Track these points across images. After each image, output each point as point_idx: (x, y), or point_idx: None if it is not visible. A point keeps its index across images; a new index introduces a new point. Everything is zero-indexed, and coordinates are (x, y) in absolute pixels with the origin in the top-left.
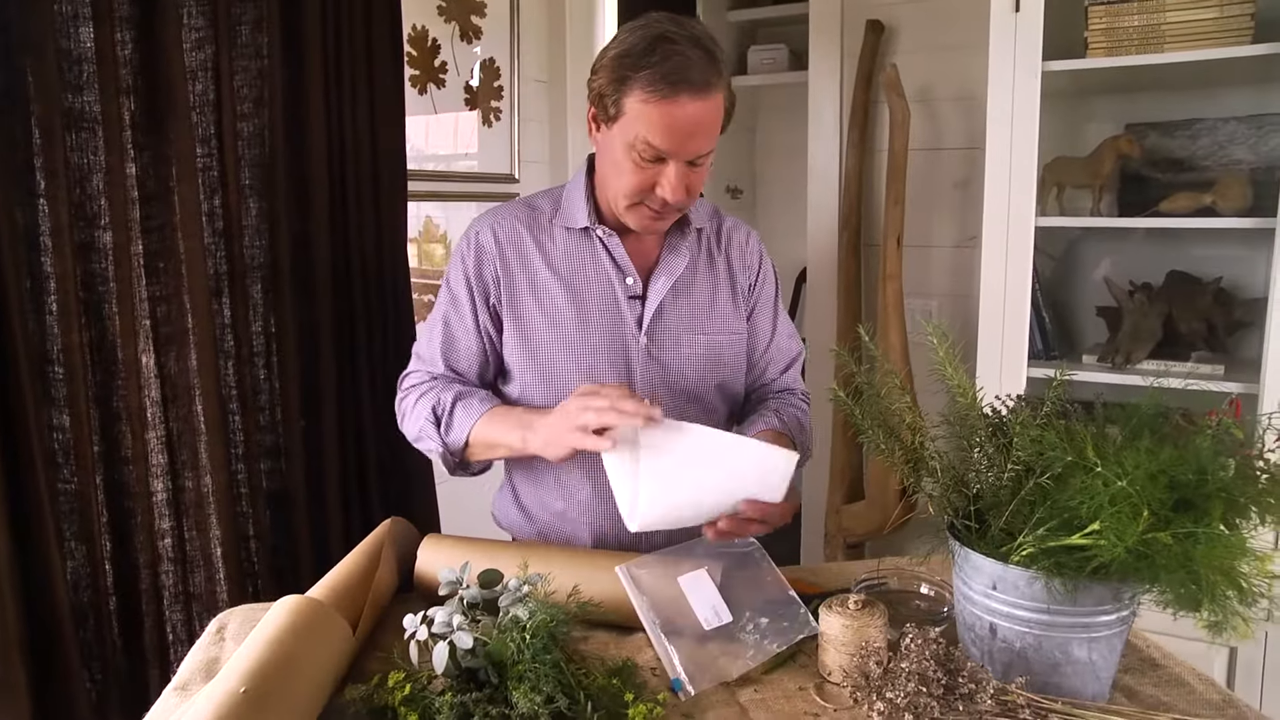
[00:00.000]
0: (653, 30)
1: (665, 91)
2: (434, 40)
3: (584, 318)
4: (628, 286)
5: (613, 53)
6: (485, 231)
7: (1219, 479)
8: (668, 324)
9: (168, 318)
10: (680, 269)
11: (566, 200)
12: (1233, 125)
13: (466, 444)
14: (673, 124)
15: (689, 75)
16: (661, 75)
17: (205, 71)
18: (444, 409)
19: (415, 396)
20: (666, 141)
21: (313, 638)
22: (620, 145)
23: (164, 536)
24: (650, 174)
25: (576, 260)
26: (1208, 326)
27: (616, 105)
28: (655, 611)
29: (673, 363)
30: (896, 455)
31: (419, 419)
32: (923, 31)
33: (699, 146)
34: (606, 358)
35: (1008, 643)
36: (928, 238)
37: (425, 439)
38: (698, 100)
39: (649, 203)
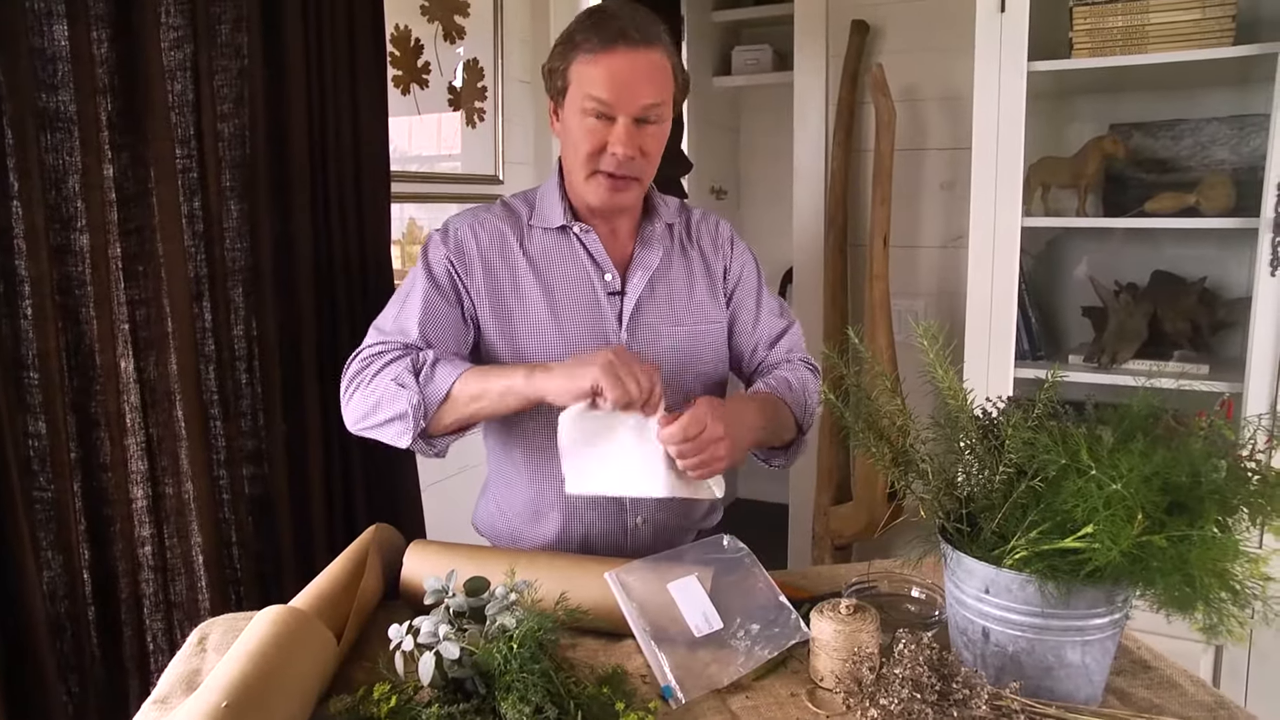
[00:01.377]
0: (594, 8)
1: (603, 46)
2: (417, 40)
3: (566, 315)
4: (606, 283)
5: (558, 39)
6: (464, 230)
7: (1212, 481)
8: (647, 317)
9: (147, 322)
10: (655, 262)
11: (541, 201)
12: (1215, 126)
13: (447, 396)
14: (613, 74)
15: (625, 30)
16: (597, 34)
17: (184, 71)
18: (424, 363)
19: (381, 363)
20: (609, 92)
21: (296, 649)
22: (572, 114)
23: (144, 544)
24: (601, 134)
25: (556, 259)
26: (1192, 326)
27: (564, 77)
28: (645, 618)
29: (653, 355)
30: (886, 458)
31: (384, 380)
32: (908, 32)
33: (642, 95)
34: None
35: (1001, 646)
36: (914, 238)
37: (387, 403)
38: (635, 50)
39: (603, 166)
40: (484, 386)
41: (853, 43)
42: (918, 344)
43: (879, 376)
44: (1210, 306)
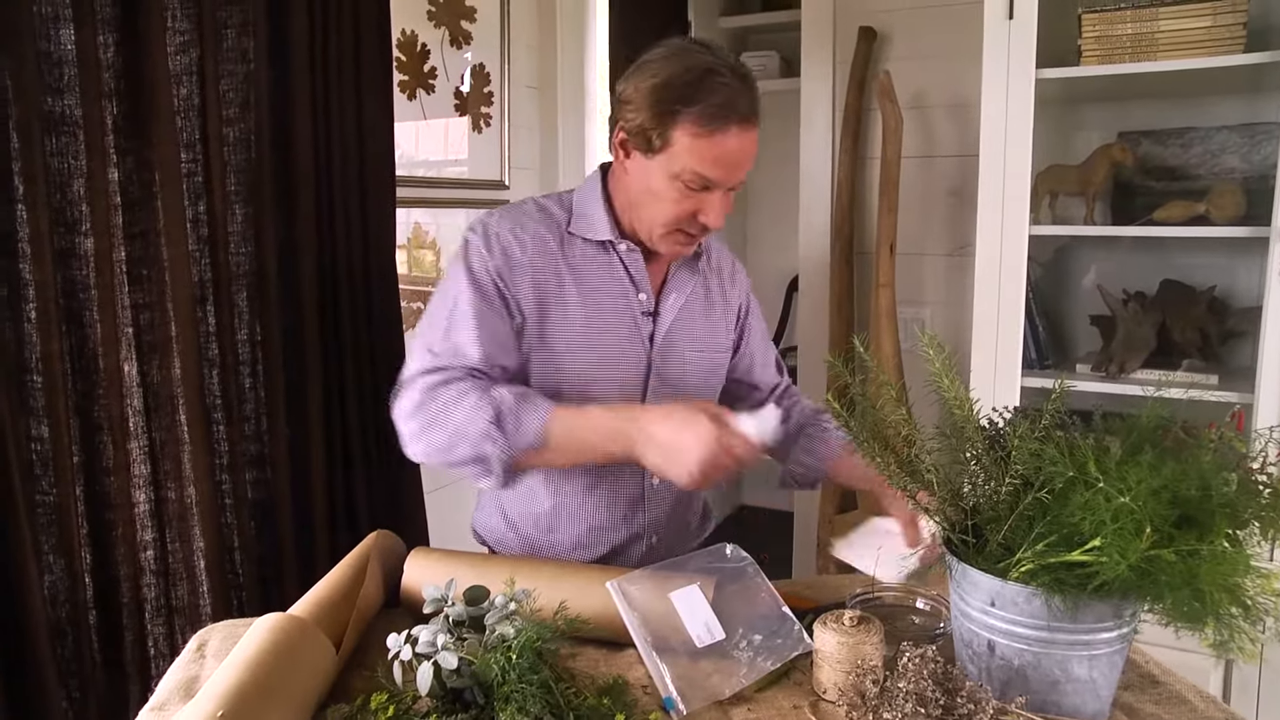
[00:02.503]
0: (696, 61)
1: (716, 125)
2: (423, 45)
3: (601, 331)
4: (640, 302)
5: (650, 84)
6: (506, 234)
7: (1223, 494)
8: (673, 340)
9: (151, 325)
10: (690, 288)
11: (581, 209)
12: (1225, 134)
13: (534, 444)
14: (722, 155)
15: (738, 107)
16: (713, 109)
17: (190, 75)
18: (504, 405)
19: (450, 395)
20: (716, 172)
21: (294, 657)
22: (662, 176)
23: (146, 548)
24: (693, 203)
25: (595, 272)
26: (1201, 336)
27: (663, 138)
28: (646, 628)
29: (676, 378)
30: (891, 468)
31: (458, 417)
32: (915, 38)
33: (742, 175)
34: (621, 372)
35: (1006, 660)
36: (920, 246)
37: (467, 444)
38: (746, 131)
39: (688, 228)
40: (573, 439)
41: (860, 49)
42: (923, 353)
43: (884, 385)
44: (1219, 316)
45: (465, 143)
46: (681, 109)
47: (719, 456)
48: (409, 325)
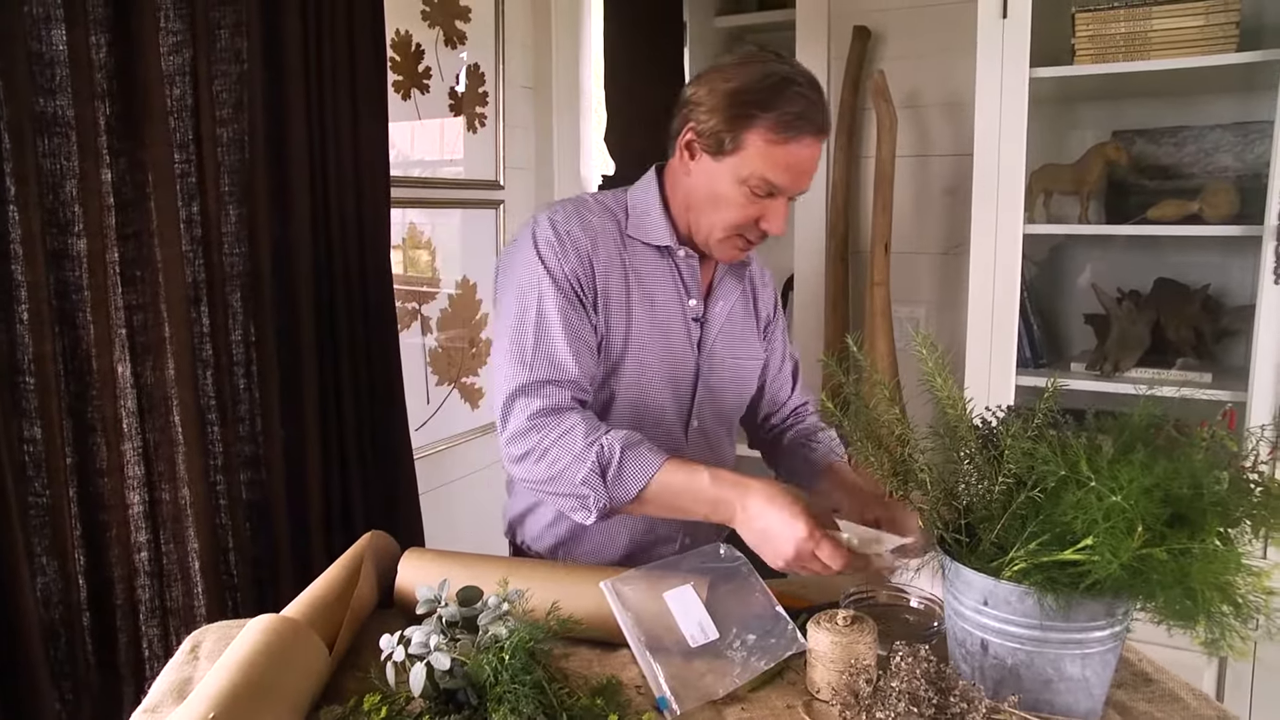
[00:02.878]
0: (775, 70)
1: (792, 133)
2: (418, 45)
3: (654, 335)
4: (690, 308)
5: (727, 87)
6: (577, 231)
7: (1214, 493)
8: (716, 347)
9: (144, 327)
10: (734, 296)
11: (638, 211)
12: (1218, 133)
13: (633, 498)
14: (793, 163)
15: (813, 118)
16: (790, 117)
17: (183, 76)
18: (611, 457)
19: (559, 431)
20: (784, 179)
21: (287, 658)
22: (729, 179)
23: (140, 550)
24: (757, 209)
25: (652, 276)
26: (1195, 334)
27: (735, 141)
28: (640, 628)
29: (717, 385)
30: (885, 467)
31: (565, 458)
32: (910, 37)
33: (807, 184)
34: (670, 376)
35: (999, 659)
36: (915, 244)
37: (569, 483)
38: (816, 143)
39: (748, 234)
40: (672, 500)
41: (854, 48)
42: (917, 352)
43: (878, 385)
44: (1213, 314)
45: (460, 143)
46: (758, 114)
47: (807, 557)
48: (404, 326)
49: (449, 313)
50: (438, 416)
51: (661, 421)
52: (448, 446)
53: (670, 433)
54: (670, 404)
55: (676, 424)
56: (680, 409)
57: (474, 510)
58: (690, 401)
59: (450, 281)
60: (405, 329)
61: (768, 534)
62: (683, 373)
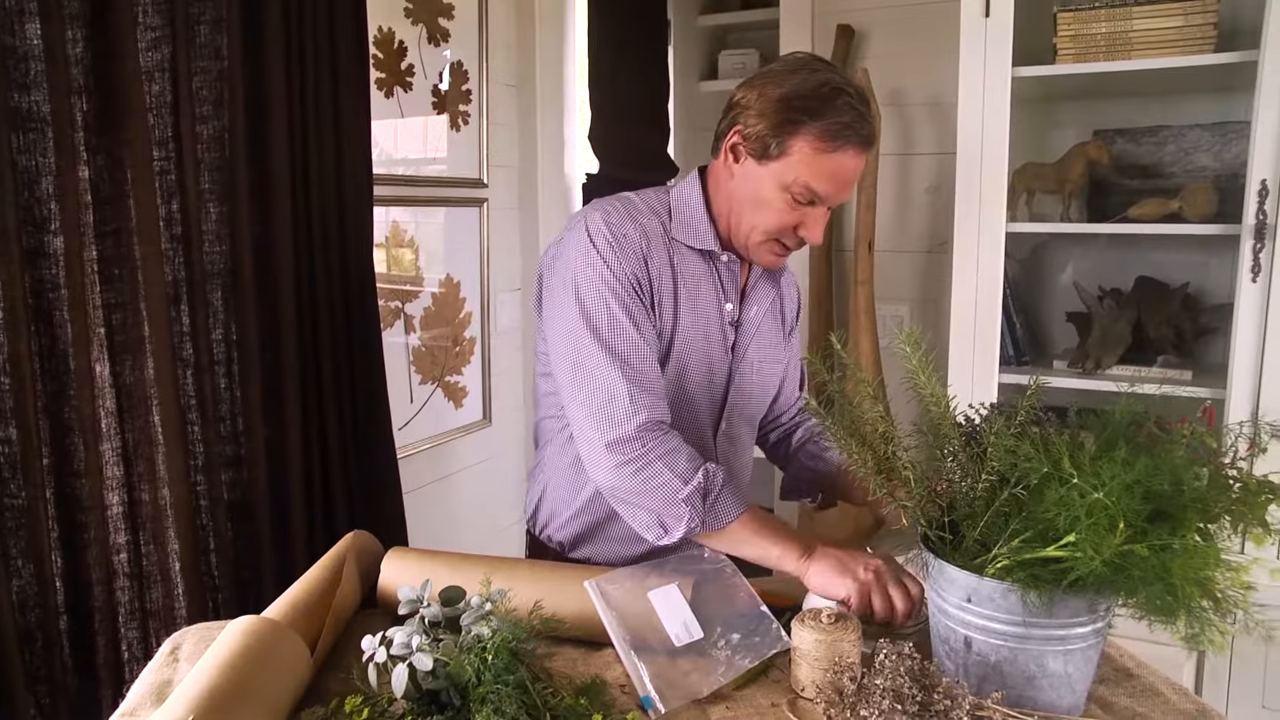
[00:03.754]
0: (826, 79)
1: (839, 143)
2: (401, 42)
3: (699, 337)
4: (728, 312)
5: (778, 93)
6: (632, 233)
7: (1194, 489)
8: (749, 352)
9: (123, 325)
10: (768, 301)
11: (682, 213)
12: (1197, 132)
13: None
14: (837, 173)
15: (860, 129)
16: (838, 127)
17: (162, 72)
18: (715, 484)
19: (663, 449)
20: (827, 188)
21: (268, 660)
22: (773, 184)
23: (119, 551)
24: (797, 215)
25: (695, 279)
26: (1175, 332)
27: (781, 146)
28: (624, 627)
29: (746, 387)
30: (869, 465)
31: (669, 478)
32: (893, 36)
33: (848, 195)
34: (706, 379)
35: (983, 656)
36: (898, 243)
37: (663, 502)
38: (861, 155)
39: (785, 240)
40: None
41: (838, 47)
42: (901, 350)
43: (861, 383)
44: (1193, 312)
45: (443, 141)
46: (807, 121)
47: (883, 572)
48: (387, 325)
49: (432, 311)
50: (421, 415)
51: (694, 423)
52: (431, 445)
53: (700, 435)
54: (704, 406)
55: (707, 426)
56: (712, 411)
57: (459, 509)
58: (722, 404)
59: (434, 280)
60: (388, 328)
61: (856, 559)
62: (717, 376)
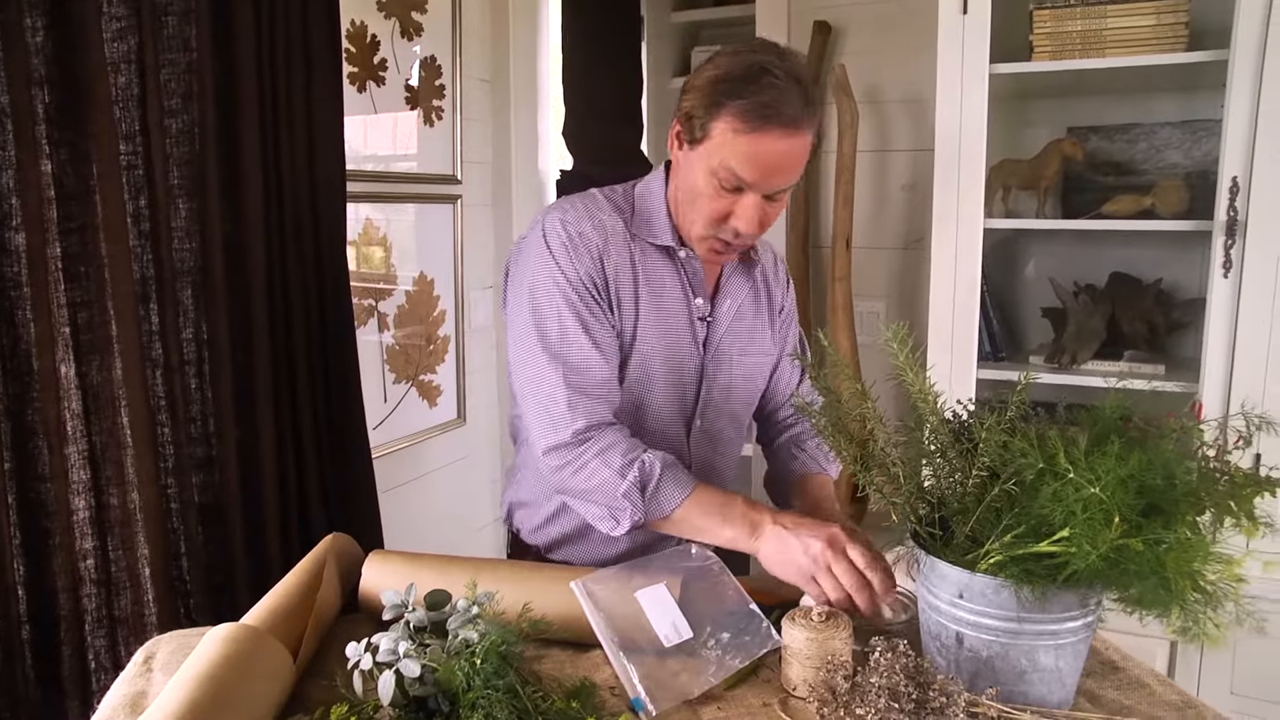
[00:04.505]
0: (755, 59)
1: (756, 123)
2: (373, 36)
3: (665, 335)
4: (698, 307)
5: (709, 75)
6: (588, 230)
7: (1186, 483)
8: (724, 344)
9: (89, 325)
10: (742, 294)
11: (644, 211)
12: (1168, 130)
13: (665, 517)
14: (757, 155)
15: (782, 110)
16: (756, 106)
17: (128, 64)
18: (652, 475)
19: (596, 448)
20: (749, 173)
21: (249, 669)
22: (702, 169)
23: (86, 557)
24: (727, 203)
25: (659, 276)
26: (1149, 327)
27: (704, 128)
28: (613, 628)
29: (724, 383)
30: (857, 461)
31: (606, 476)
32: (870, 33)
33: (780, 182)
34: (673, 376)
35: (974, 652)
36: (876, 239)
37: (606, 499)
38: (787, 137)
39: (721, 234)
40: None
41: (815, 44)
42: (885, 347)
43: (847, 380)
44: (1166, 307)
45: (416, 136)
46: (726, 101)
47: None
48: (360, 323)
49: (406, 309)
50: (395, 414)
51: (664, 422)
52: (406, 445)
53: (671, 433)
54: (673, 404)
55: (678, 424)
56: (683, 409)
57: (434, 509)
58: (695, 401)
59: (407, 278)
60: (361, 326)
61: (800, 537)
62: (687, 373)
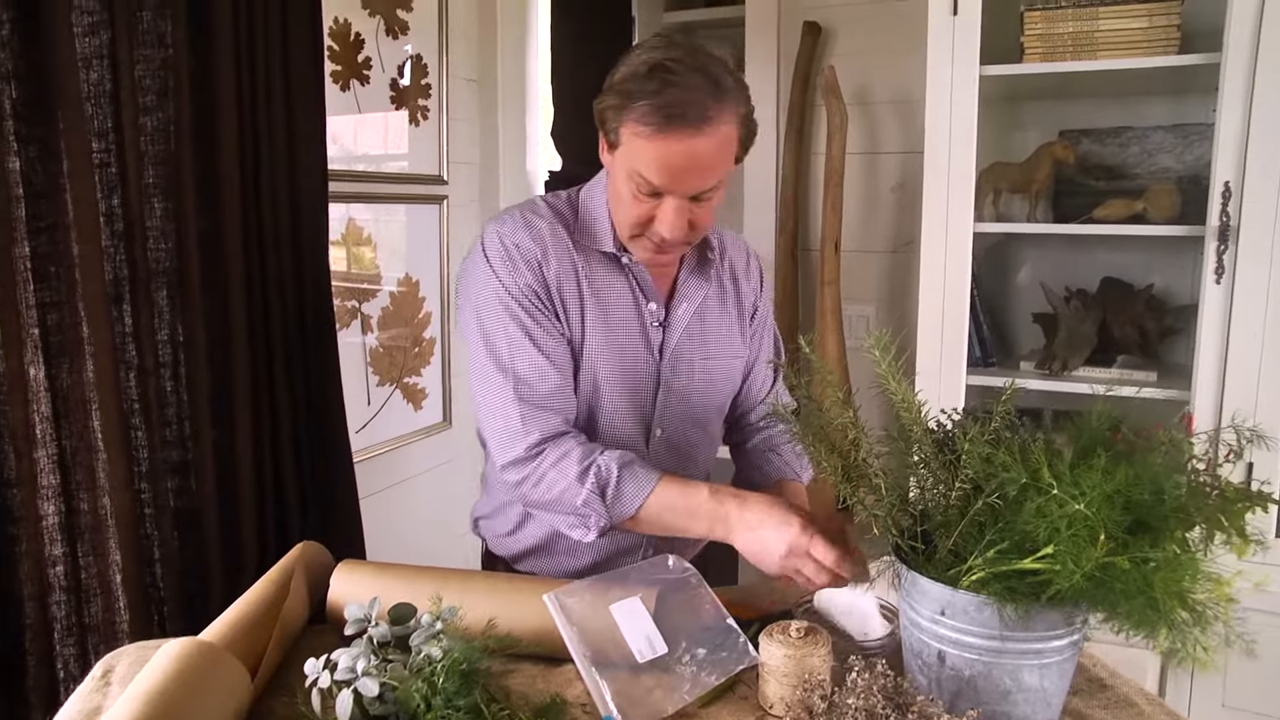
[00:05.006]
0: (651, 58)
1: (657, 126)
2: (357, 34)
3: (616, 343)
4: (651, 313)
5: (619, 74)
6: (526, 243)
7: (1175, 499)
8: (683, 350)
9: (59, 326)
10: (700, 296)
11: (586, 215)
12: (1160, 134)
13: (632, 515)
14: (666, 160)
15: (685, 110)
16: (655, 108)
17: (100, 59)
18: (609, 477)
19: (553, 458)
20: (659, 177)
21: (203, 686)
22: (620, 174)
23: (55, 564)
24: (648, 207)
25: (607, 284)
26: (1140, 333)
27: (616, 133)
28: (585, 643)
29: (685, 389)
30: (837, 472)
31: (565, 487)
32: (860, 34)
33: (696, 183)
34: (627, 385)
35: (957, 670)
36: (865, 243)
37: (568, 504)
38: (693, 137)
39: (650, 236)
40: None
41: (804, 44)
42: (869, 353)
43: (829, 387)
44: (1158, 313)
45: (402, 136)
46: (628, 104)
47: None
48: (344, 325)
49: (390, 311)
50: (379, 418)
51: (619, 430)
52: (390, 449)
53: (629, 443)
54: (628, 413)
55: (636, 433)
56: (640, 417)
57: (418, 514)
58: (652, 409)
59: (392, 279)
60: (345, 328)
61: (764, 539)
62: (642, 380)
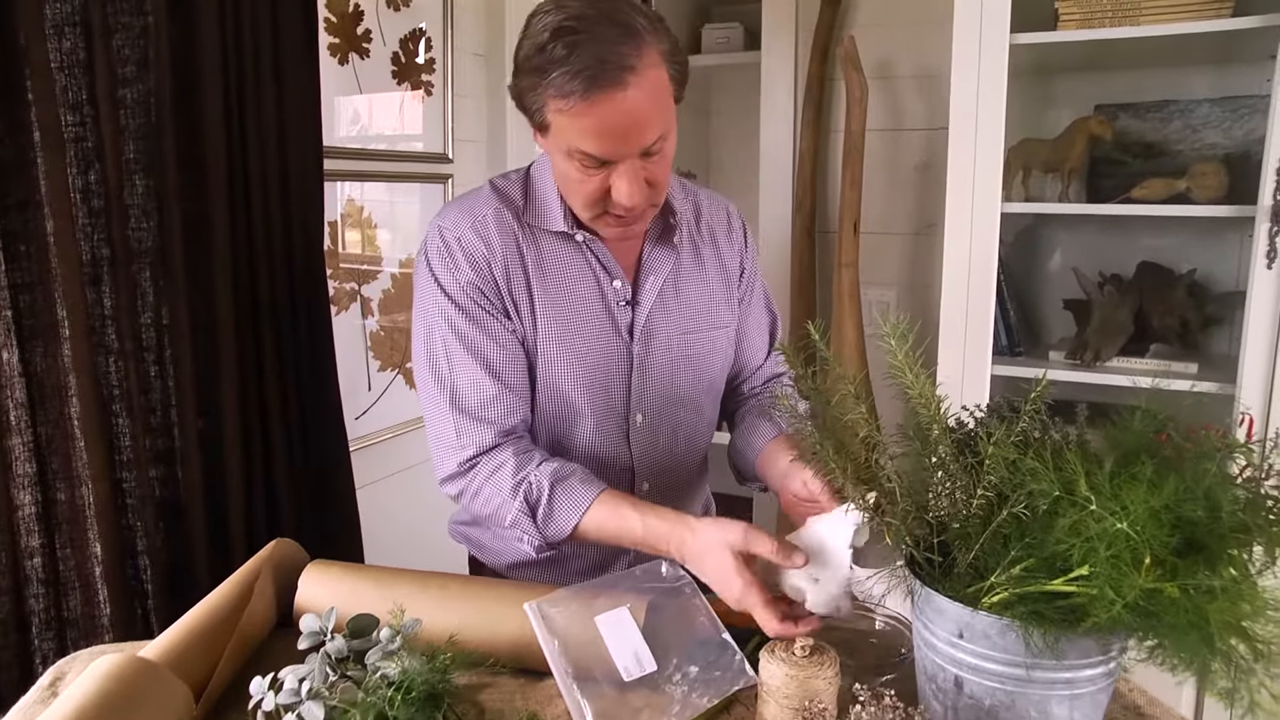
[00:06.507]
0: (547, 22)
1: (580, 93)
2: (356, 6)
3: (577, 331)
4: (616, 290)
5: (522, 50)
6: (467, 235)
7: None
8: (658, 327)
9: (32, 308)
10: (669, 267)
11: (535, 195)
12: (1206, 107)
13: (569, 534)
14: (600, 127)
15: (603, 67)
16: (571, 75)
17: (72, 27)
18: (539, 496)
19: (485, 473)
20: (600, 147)
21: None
22: (559, 156)
23: (32, 555)
24: (599, 180)
25: (562, 266)
26: (1180, 321)
27: (540, 114)
28: (567, 658)
29: (664, 368)
30: (849, 474)
31: (497, 503)
32: (882, 3)
33: (640, 141)
34: (601, 370)
35: (976, 699)
36: (886, 224)
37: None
38: (622, 91)
39: (611, 210)
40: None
41: (823, 15)
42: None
43: (840, 380)
44: (1199, 300)
45: (405, 113)
46: (540, 81)
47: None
48: (343, 307)
49: (392, 293)
50: (380, 404)
51: (592, 423)
52: (391, 436)
53: (605, 436)
54: (599, 404)
55: (611, 424)
56: (614, 406)
57: (420, 504)
58: (626, 394)
59: (393, 260)
60: (344, 311)
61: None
62: (613, 364)
